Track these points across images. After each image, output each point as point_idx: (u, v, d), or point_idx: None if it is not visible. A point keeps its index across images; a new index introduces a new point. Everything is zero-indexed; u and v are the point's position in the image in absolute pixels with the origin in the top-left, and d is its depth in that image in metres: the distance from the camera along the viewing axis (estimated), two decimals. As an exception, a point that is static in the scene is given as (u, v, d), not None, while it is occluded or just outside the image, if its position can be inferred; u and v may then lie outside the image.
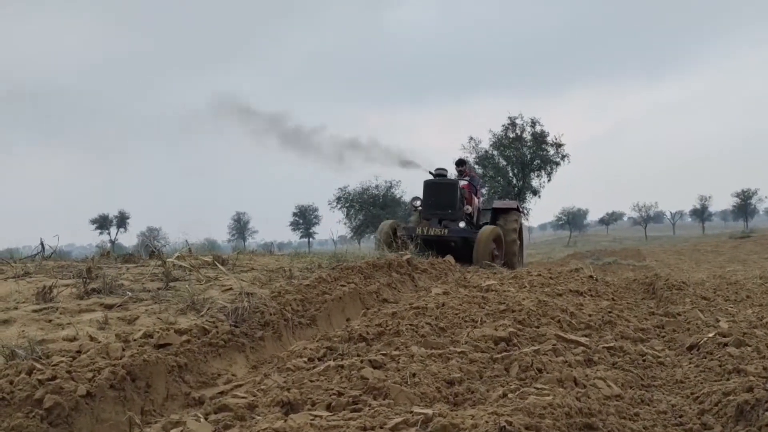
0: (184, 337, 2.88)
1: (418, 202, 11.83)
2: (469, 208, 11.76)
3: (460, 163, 12.99)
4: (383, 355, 2.68)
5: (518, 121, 37.78)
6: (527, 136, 37.76)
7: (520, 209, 13.13)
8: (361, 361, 2.55)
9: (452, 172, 12.67)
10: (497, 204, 13.02)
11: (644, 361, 2.93)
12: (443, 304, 3.74)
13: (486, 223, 12.74)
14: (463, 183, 12.45)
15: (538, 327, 3.39)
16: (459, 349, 2.79)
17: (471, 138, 40.54)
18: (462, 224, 11.18)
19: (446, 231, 10.98)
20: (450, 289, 4.50)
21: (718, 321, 3.73)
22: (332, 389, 2.30)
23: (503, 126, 38.59)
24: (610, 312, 4.04)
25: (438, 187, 11.61)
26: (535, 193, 38.12)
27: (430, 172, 11.90)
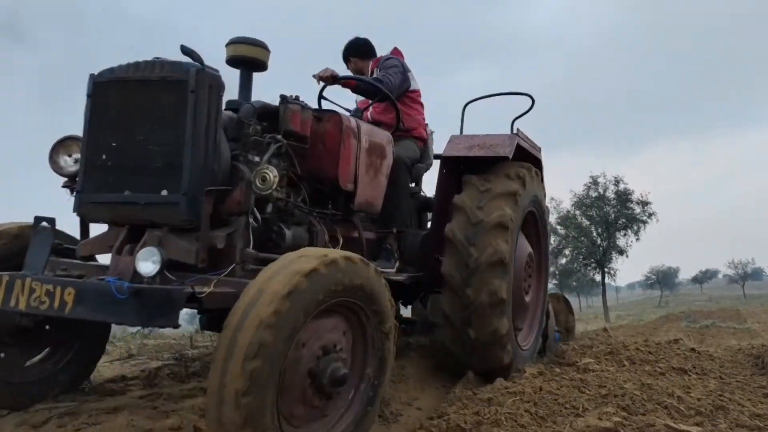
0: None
1: (70, 162, 3.15)
2: (273, 190, 2.87)
3: (354, 48, 4.78)
4: (484, 449, 2.60)
5: (601, 180, 37.15)
6: (610, 194, 37.02)
7: (538, 157, 5.03)
8: (463, 457, 2.48)
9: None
10: (452, 149, 4.38)
11: (766, 455, 2.73)
12: (540, 388, 3.62)
13: (423, 214, 5.13)
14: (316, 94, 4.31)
15: (644, 414, 3.23)
16: (563, 443, 2.68)
17: (552, 198, 40.00)
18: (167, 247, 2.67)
19: (70, 302, 2.41)
20: (544, 369, 4.37)
21: (844, 406, 3.44)
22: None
23: (585, 185, 38.06)
24: (720, 395, 3.80)
25: (124, 94, 2.85)
26: (622, 252, 37.02)
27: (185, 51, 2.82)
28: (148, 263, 2.49)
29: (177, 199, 2.73)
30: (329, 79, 4.11)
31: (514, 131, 4.62)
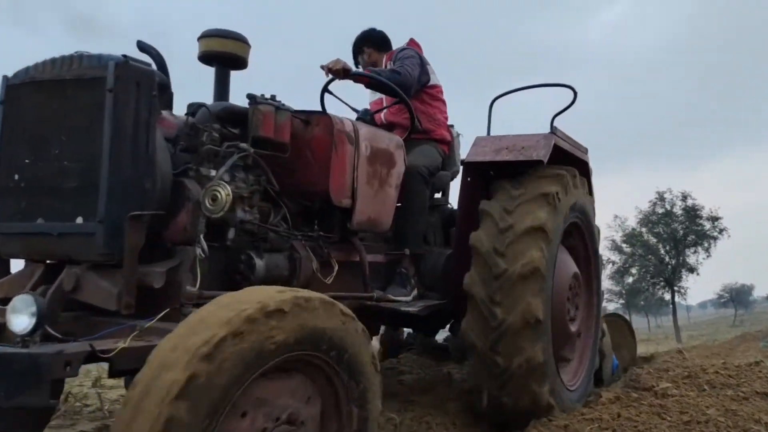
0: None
1: None
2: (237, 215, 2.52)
3: (371, 38, 4.30)
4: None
5: (667, 196, 36.13)
6: (678, 210, 35.93)
7: (584, 159, 4.21)
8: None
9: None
10: (476, 153, 3.63)
11: None
12: (618, 415, 3.52)
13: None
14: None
15: (731, 442, 3.10)
16: (647, 472, 2.59)
17: (616, 216, 39.14)
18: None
19: None
20: (621, 394, 4.23)
21: None
22: None
23: (650, 201, 37.06)
24: (811, 422, 3.61)
25: (38, 99, 2.36)
26: (692, 270, 35.76)
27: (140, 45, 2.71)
28: (22, 317, 1.86)
29: (92, 228, 2.21)
30: (340, 72, 3.54)
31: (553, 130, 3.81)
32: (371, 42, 4.30)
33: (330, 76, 3.62)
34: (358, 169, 3.14)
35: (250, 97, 2.80)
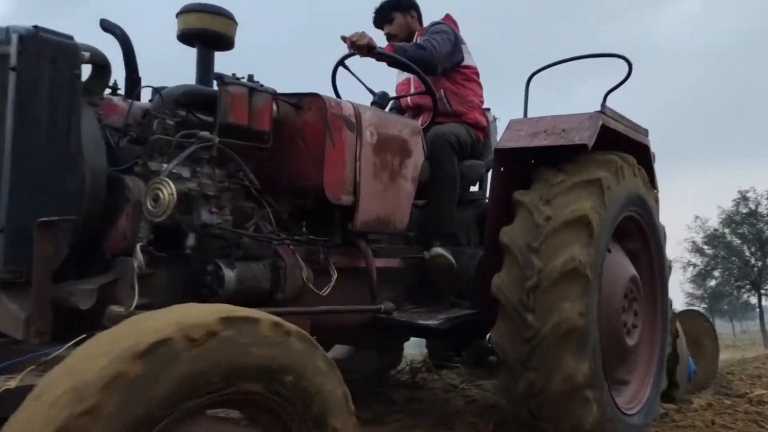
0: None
1: None
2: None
3: (417, 5, 3.91)
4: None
5: (751, 195, 34.60)
6: (763, 210, 34.34)
7: (643, 142, 3.49)
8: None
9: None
10: (510, 138, 3.01)
11: None
12: (712, 422, 3.40)
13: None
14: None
15: (837, 453, 2.93)
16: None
17: (696, 217, 37.73)
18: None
19: None
20: (713, 400, 4.08)
21: None
22: None
23: (734, 201, 35.57)
24: None
25: None
26: (780, 273, 34.08)
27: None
28: None
29: None
30: (363, 48, 3.12)
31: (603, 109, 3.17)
32: (418, 9, 3.91)
33: (351, 51, 3.23)
34: (361, 159, 2.67)
35: (218, 77, 2.38)
